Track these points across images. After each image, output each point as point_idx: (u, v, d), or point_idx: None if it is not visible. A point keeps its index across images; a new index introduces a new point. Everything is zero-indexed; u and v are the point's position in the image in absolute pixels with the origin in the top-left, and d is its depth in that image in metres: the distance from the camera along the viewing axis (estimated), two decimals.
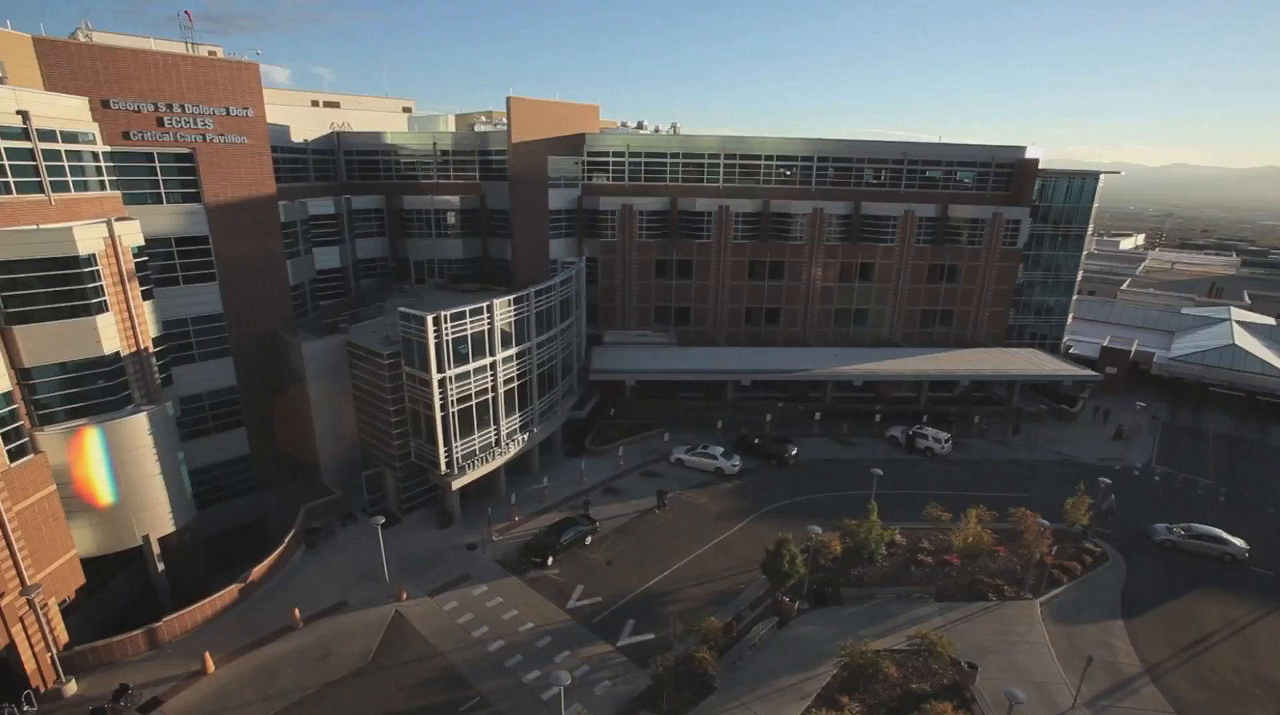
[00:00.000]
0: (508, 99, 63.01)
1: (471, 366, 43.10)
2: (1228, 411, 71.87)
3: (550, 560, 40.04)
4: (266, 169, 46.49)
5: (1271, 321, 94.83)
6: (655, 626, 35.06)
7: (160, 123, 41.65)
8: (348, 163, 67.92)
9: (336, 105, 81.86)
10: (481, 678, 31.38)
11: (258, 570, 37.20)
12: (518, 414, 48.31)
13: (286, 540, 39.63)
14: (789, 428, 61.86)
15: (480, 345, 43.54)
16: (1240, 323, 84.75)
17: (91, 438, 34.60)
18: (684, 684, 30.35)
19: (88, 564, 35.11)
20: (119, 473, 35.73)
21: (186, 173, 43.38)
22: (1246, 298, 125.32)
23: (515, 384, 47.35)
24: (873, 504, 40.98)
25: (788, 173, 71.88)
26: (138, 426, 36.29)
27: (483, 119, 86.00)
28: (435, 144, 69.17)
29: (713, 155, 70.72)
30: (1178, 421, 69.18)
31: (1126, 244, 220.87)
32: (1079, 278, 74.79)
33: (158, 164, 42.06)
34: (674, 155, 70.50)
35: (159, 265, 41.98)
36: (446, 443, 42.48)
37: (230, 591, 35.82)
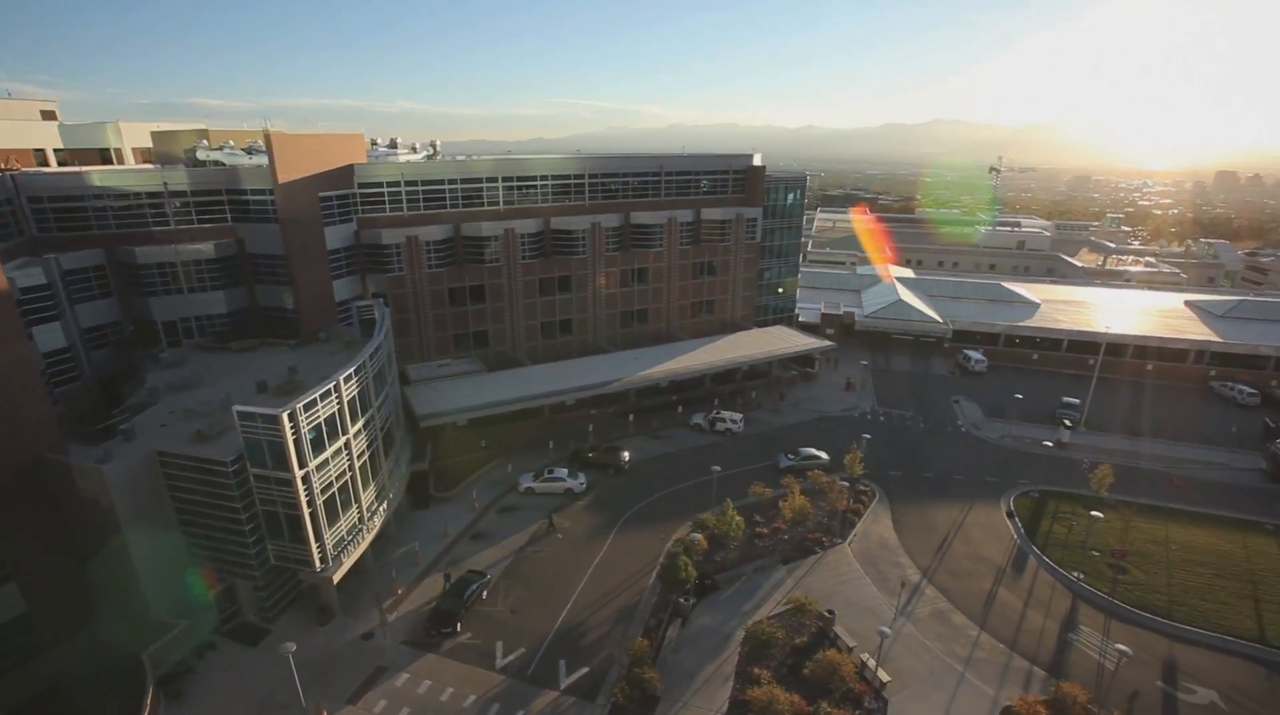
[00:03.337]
0: (267, 134, 56.86)
1: (329, 452, 40.52)
2: (904, 352, 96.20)
3: (459, 626, 40.72)
4: None
5: (911, 273, 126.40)
6: (586, 659, 38.69)
7: None
8: (37, 213, 55.23)
9: None
10: None
11: None
12: (373, 484, 46.48)
13: (147, 702, 34.17)
14: (607, 433, 67.91)
15: (334, 426, 41.04)
16: (899, 279, 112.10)
17: None
18: (634, 703, 34.87)
19: None
20: None
21: None
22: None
23: (367, 455, 45.42)
24: (728, 501, 49.00)
25: (564, 191, 75.79)
26: None
27: (203, 143, 74.30)
28: (166, 184, 59.03)
29: (490, 179, 71.54)
30: (879, 366, 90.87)
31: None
32: (801, 259, 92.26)
33: None
34: (451, 181, 69.72)
35: None
36: (318, 538, 39.74)
37: None
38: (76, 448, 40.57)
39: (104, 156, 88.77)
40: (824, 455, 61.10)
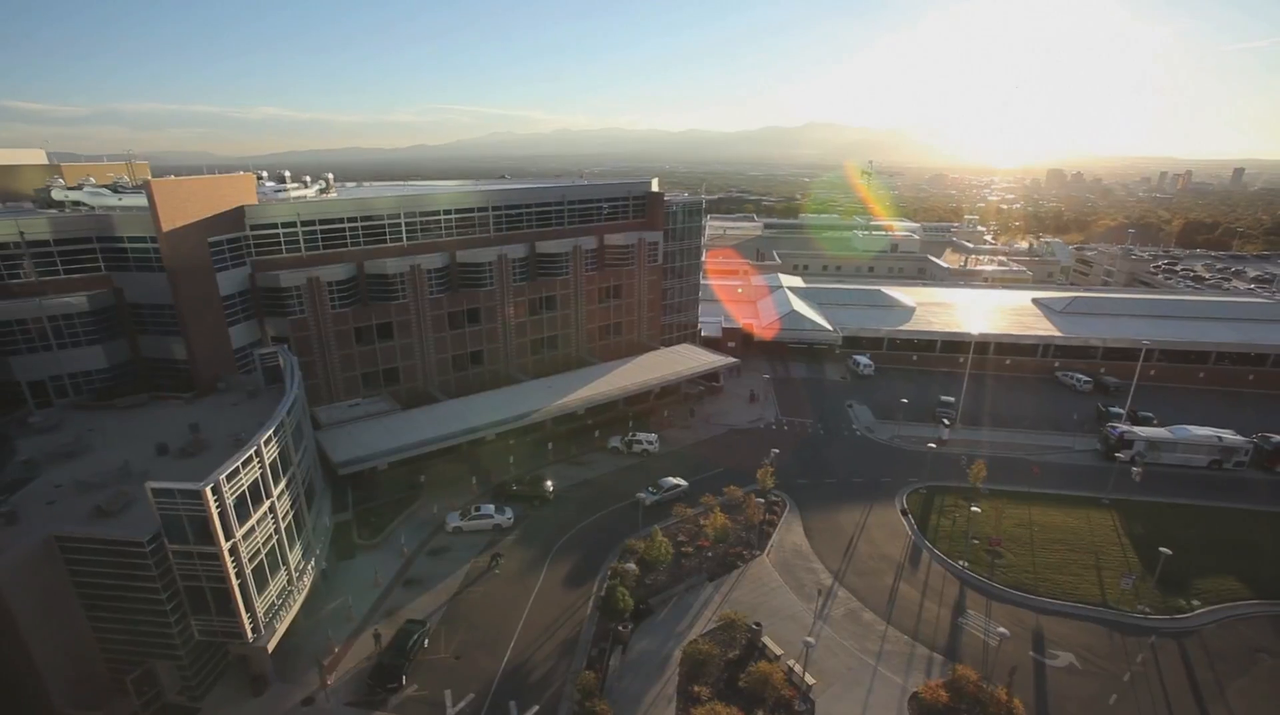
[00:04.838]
0: (147, 182, 53.74)
1: (255, 518, 39.38)
2: (800, 360, 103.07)
3: (404, 679, 40.74)
4: None
5: (801, 282, 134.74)
6: (536, 697, 39.93)
7: None
8: None
9: None
10: None
11: None
12: (299, 542, 45.37)
13: None
14: (528, 462, 68.87)
15: (258, 491, 39.94)
16: (790, 289, 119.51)
17: None
18: None
19: None
20: None
21: None
22: (776, 257, 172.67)
23: (291, 514, 44.33)
24: (656, 529, 51.54)
25: (468, 224, 75.68)
26: None
27: (57, 180, 68.59)
28: (23, 234, 54.18)
29: (392, 215, 70.43)
30: (778, 375, 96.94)
31: None
32: (700, 278, 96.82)
33: None
34: (351, 219, 68.07)
35: None
36: (249, 609, 38.52)
37: None
38: None
39: None
40: (684, 482, 62.88)
